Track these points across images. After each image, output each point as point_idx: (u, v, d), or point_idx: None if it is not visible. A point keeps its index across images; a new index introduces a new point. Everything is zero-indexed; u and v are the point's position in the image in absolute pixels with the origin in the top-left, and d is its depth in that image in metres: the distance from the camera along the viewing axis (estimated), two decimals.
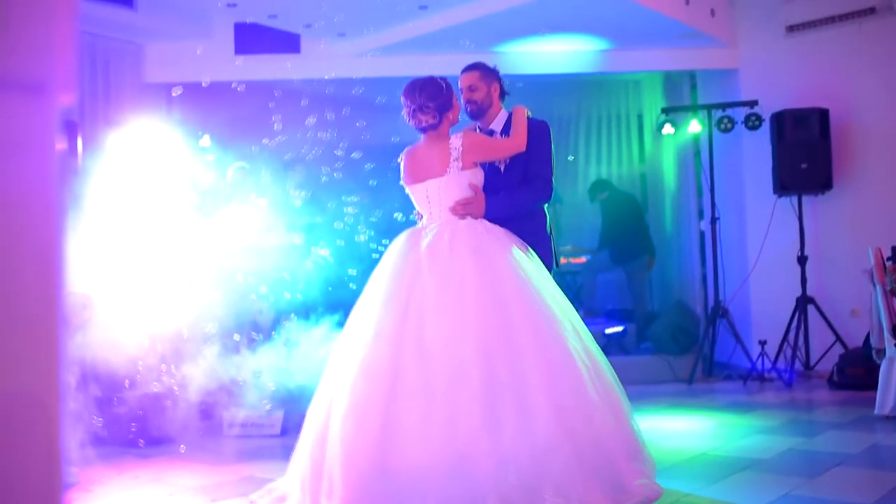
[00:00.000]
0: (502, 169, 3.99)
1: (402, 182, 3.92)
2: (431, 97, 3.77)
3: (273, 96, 5.75)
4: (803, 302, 7.32)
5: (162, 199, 5.61)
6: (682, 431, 5.24)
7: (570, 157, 9.69)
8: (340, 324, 4.88)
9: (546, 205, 4.11)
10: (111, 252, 5.24)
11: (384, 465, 3.12)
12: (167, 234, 5.49)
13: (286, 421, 5.37)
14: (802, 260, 7.34)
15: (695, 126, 7.97)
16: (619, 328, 7.98)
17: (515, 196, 3.93)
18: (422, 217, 3.88)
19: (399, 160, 3.94)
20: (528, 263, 3.62)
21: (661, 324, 7.83)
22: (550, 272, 3.93)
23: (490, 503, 3.02)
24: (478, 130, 4.16)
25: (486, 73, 4.12)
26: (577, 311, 8.29)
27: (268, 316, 5.43)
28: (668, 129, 8.06)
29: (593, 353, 3.56)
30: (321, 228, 5.84)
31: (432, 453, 3.09)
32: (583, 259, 8.85)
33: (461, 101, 4.04)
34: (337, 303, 4.93)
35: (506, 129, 4.05)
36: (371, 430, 3.18)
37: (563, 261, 8.63)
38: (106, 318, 4.93)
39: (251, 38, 7.12)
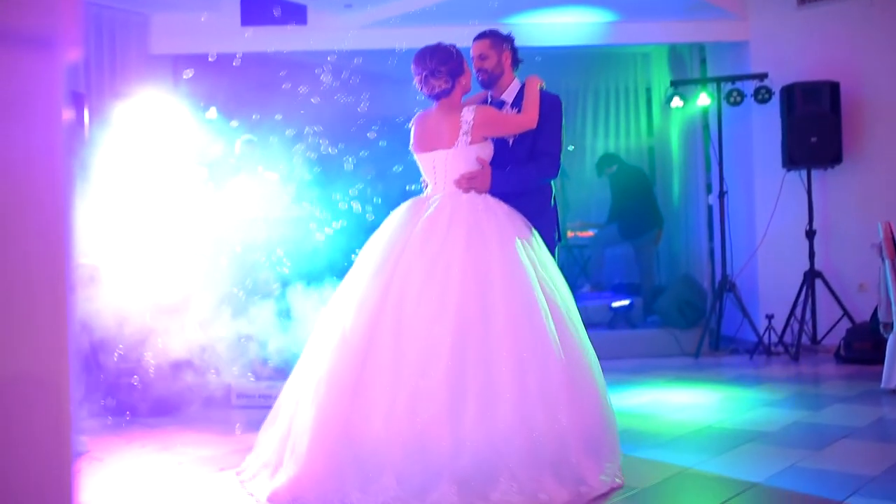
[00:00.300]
0: (510, 143, 3.96)
1: (410, 148, 3.91)
2: (442, 62, 3.73)
3: (280, 68, 5.72)
4: (811, 276, 7.30)
5: (168, 170, 5.61)
6: (687, 404, 5.25)
7: (570, 147, 9.61)
8: None
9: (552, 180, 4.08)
10: (118, 223, 5.25)
11: (350, 434, 3.17)
12: (174, 205, 5.50)
13: None
14: (810, 234, 7.31)
15: (704, 99, 7.91)
16: (626, 302, 7.97)
17: (522, 172, 3.91)
18: (427, 186, 3.88)
19: (409, 125, 3.92)
20: (523, 245, 3.59)
21: (668, 297, 7.82)
22: (554, 247, 3.93)
23: (444, 482, 3.04)
24: (489, 100, 4.13)
25: (497, 40, 4.06)
26: (584, 285, 8.27)
27: (274, 286, 5.43)
28: (676, 102, 7.99)
29: (575, 341, 3.50)
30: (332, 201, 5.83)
31: (394, 428, 3.13)
32: (590, 233, 8.83)
33: (472, 69, 4.00)
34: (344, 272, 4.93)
35: (517, 101, 4.00)
36: (342, 398, 3.22)
37: (570, 234, 8.63)
38: (113, 288, 4.95)
39: (257, 9, 7.08)
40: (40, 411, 1.58)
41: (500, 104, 4.06)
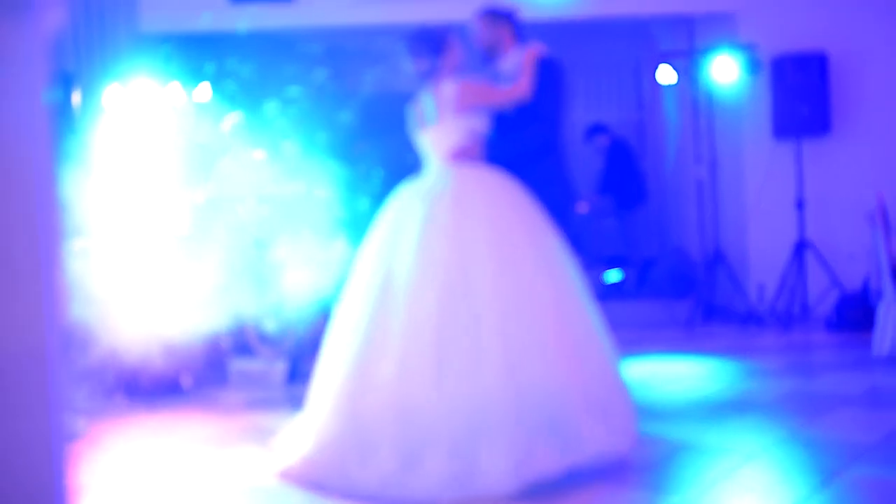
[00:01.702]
0: (509, 112, 3.96)
1: (413, 132, 3.92)
2: (420, 44, 3.77)
3: (271, 46, 5.68)
4: (801, 246, 7.35)
5: (160, 151, 5.58)
6: (681, 375, 5.30)
7: None
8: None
9: (554, 145, 4.05)
10: (110, 204, 5.22)
11: (352, 408, 3.25)
12: (165, 185, 5.47)
13: (290, 371, 5.41)
14: (800, 204, 7.35)
15: (693, 71, 7.89)
16: (618, 274, 8.00)
17: (514, 140, 3.91)
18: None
19: (409, 110, 3.93)
20: (517, 212, 3.58)
21: (660, 269, 7.87)
22: (567, 216, 3.94)
23: (435, 448, 3.07)
24: (495, 75, 4.13)
25: (493, 15, 4.10)
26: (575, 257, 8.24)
27: (271, 266, 5.42)
28: (665, 74, 7.98)
29: (574, 306, 3.49)
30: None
31: (385, 396, 3.19)
32: (582, 204, 8.83)
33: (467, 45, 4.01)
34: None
35: (517, 72, 4.00)
36: (346, 375, 3.32)
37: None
38: (106, 267, 4.94)
39: None
40: (24, 396, 1.56)
41: (502, 77, 4.06)
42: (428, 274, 3.34)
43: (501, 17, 4.11)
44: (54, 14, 1.55)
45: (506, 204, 3.58)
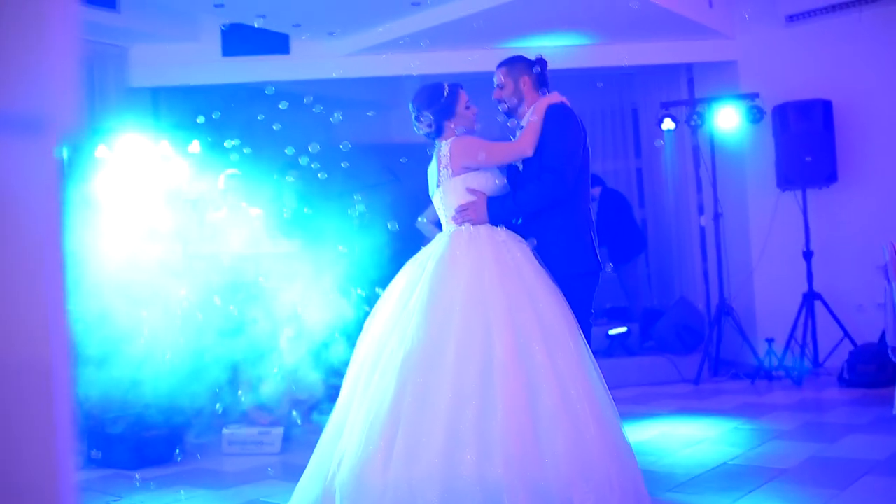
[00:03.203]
0: (520, 166, 3.79)
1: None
2: (427, 104, 3.69)
3: (263, 98, 5.54)
4: (810, 298, 7.18)
5: (151, 206, 5.42)
6: (696, 438, 5.07)
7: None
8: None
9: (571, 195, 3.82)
10: (100, 263, 5.04)
11: (329, 472, 3.35)
12: (158, 241, 5.30)
13: (285, 438, 5.18)
14: (808, 255, 7.20)
15: (695, 120, 7.78)
16: (623, 328, 7.80)
17: (521, 195, 3.66)
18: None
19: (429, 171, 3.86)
20: (508, 279, 3.42)
21: (666, 323, 7.66)
22: (591, 276, 3.77)
23: None
24: (518, 130, 3.95)
25: (513, 66, 3.87)
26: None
27: (265, 329, 5.22)
28: (667, 123, 7.86)
29: (554, 384, 3.27)
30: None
31: (347, 465, 3.24)
32: None
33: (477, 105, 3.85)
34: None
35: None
36: (329, 434, 3.50)
37: None
38: (98, 333, 4.74)
39: (239, 40, 6.89)
40: (32, 463, 1.50)
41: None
42: (398, 345, 3.36)
43: (523, 69, 3.89)
44: (67, 128, 1.48)
45: (493, 276, 3.42)
